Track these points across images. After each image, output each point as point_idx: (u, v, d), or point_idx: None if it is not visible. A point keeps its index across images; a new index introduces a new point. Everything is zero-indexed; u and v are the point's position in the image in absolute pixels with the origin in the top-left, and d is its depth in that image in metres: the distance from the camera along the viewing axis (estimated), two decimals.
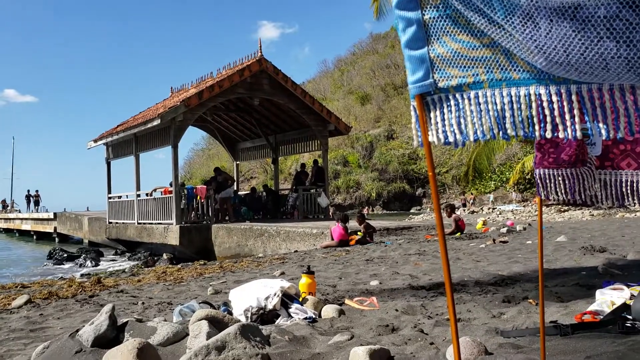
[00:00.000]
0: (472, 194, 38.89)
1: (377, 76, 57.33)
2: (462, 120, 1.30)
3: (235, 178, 20.99)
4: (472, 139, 1.30)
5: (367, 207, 41.24)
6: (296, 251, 10.29)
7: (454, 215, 11.41)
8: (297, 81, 17.54)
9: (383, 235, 11.30)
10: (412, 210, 41.20)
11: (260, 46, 15.83)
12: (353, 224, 10.90)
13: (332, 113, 17.84)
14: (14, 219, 36.41)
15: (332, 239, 10.12)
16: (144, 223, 16.39)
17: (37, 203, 37.73)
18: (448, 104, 1.32)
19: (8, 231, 37.35)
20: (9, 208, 44.45)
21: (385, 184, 44.81)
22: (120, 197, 18.80)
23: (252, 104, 17.20)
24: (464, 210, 30.95)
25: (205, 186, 16.07)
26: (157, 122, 14.45)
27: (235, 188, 19.09)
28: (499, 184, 38.64)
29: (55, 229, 26.54)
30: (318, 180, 17.53)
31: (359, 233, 10.41)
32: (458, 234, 10.93)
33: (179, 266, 8.72)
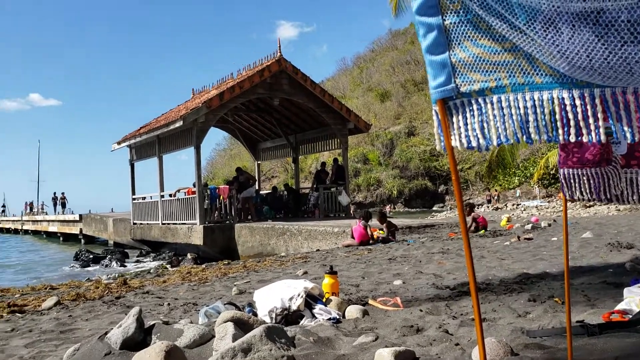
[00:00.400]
0: (496, 190, 38.50)
1: (396, 73, 57.02)
2: (485, 125, 1.30)
3: (256, 178, 21.12)
4: (495, 143, 1.29)
5: (388, 205, 41.08)
6: (318, 250, 10.31)
7: (473, 214, 11.37)
8: (316, 80, 17.58)
9: (405, 233, 11.26)
10: (434, 208, 40.93)
11: (280, 46, 15.89)
12: (374, 222, 10.89)
13: (352, 111, 17.83)
14: (41, 220, 37.17)
15: (353, 238, 10.13)
16: (168, 223, 16.59)
17: (63, 205, 38.43)
18: (470, 108, 1.32)
19: (36, 233, 38.15)
20: (36, 210, 45.31)
21: (406, 181, 44.57)
22: (144, 198, 19.05)
23: (272, 104, 17.26)
24: (488, 207, 30.64)
25: (227, 186, 16.19)
26: (179, 123, 14.61)
27: (257, 187, 19.20)
28: (523, 179, 38.19)
29: (81, 230, 27.00)
30: (338, 178, 17.53)
31: (380, 232, 10.39)
32: (482, 232, 10.85)
33: (204, 266, 8.81)
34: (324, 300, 3.64)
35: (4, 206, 57.46)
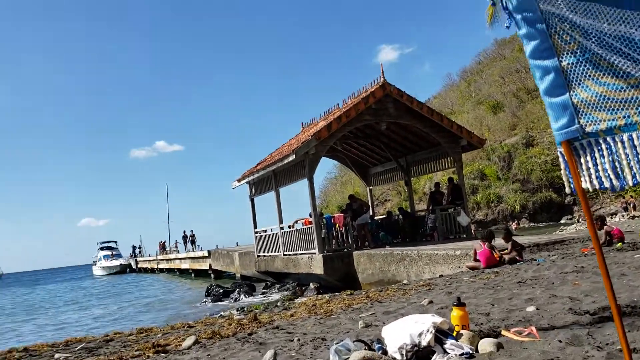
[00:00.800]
0: (631, 196, 35.26)
1: (507, 82, 54.85)
2: (617, 165, 1.23)
3: (369, 203, 21.18)
4: (631, 183, 1.22)
5: (514, 222, 39.09)
6: (441, 276, 10.07)
7: (605, 227, 10.49)
8: (422, 99, 17.46)
9: (533, 251, 10.67)
10: (562, 221, 38.36)
11: (383, 71, 16.02)
12: (499, 241, 10.43)
13: (463, 127, 17.43)
14: (174, 259, 39.92)
15: (477, 260, 9.77)
16: (289, 254, 17.09)
17: (193, 242, 41.08)
18: (599, 148, 1.26)
19: (170, 270, 41.00)
20: (169, 249, 48.70)
21: (529, 194, 42.26)
22: (265, 231, 19.83)
23: (380, 129, 17.35)
24: (624, 216, 28.16)
25: (342, 214, 16.41)
26: (292, 157, 15.13)
27: (371, 213, 19.24)
28: None
29: (210, 265, 28.60)
30: (455, 198, 17.08)
31: (506, 251, 9.93)
32: (619, 245, 10.00)
33: (327, 297, 8.94)
34: (454, 334, 3.55)
35: (140, 247, 62.43)
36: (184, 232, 43.28)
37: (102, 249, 69.44)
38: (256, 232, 20.17)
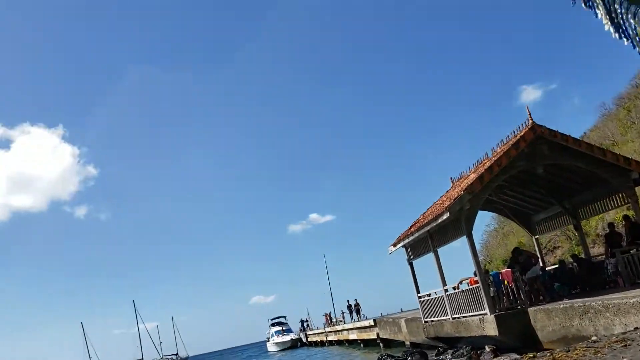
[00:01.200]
0: None
1: None
2: None
3: (538, 254, 19.76)
4: None
5: None
6: (637, 328, 8.92)
7: None
8: (576, 135, 16.33)
9: None
10: None
11: (529, 113, 15.35)
12: None
13: (631, 159, 15.86)
14: (341, 330, 40.17)
15: None
16: (458, 317, 16.36)
17: (358, 312, 41.12)
18: None
19: (339, 342, 41.18)
20: (335, 321, 49.10)
21: None
22: (429, 295, 19.29)
23: (536, 173, 16.37)
24: None
25: (509, 269, 15.49)
26: (446, 215, 14.80)
27: (541, 264, 17.91)
28: None
29: (377, 335, 28.31)
30: (635, 237, 15.33)
31: None
32: None
33: None
34: None
35: (307, 320, 63.56)
36: (348, 301, 43.58)
37: (273, 324, 72.02)
38: (420, 297, 19.70)
